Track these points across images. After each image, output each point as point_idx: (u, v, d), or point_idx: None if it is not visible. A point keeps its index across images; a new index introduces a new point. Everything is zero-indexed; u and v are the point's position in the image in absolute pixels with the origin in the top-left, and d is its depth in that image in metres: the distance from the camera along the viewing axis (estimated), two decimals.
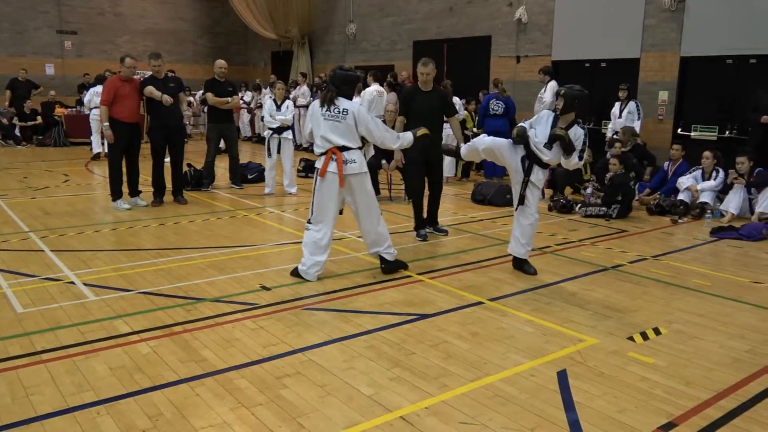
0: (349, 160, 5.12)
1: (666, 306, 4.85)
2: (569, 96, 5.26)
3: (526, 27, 12.95)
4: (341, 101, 5.12)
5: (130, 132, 8.05)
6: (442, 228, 7.11)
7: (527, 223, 5.51)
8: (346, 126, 5.08)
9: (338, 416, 3.11)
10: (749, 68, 9.91)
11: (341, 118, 5.08)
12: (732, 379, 3.59)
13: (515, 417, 3.13)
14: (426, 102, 6.57)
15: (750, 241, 6.99)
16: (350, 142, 5.13)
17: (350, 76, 5.29)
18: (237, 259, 5.93)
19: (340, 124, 5.08)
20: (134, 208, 8.17)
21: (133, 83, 8.12)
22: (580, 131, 5.30)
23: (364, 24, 17.08)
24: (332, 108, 5.09)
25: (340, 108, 5.08)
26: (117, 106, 7.86)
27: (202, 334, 4.12)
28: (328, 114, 5.10)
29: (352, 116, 5.08)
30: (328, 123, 5.11)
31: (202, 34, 21.42)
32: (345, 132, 5.10)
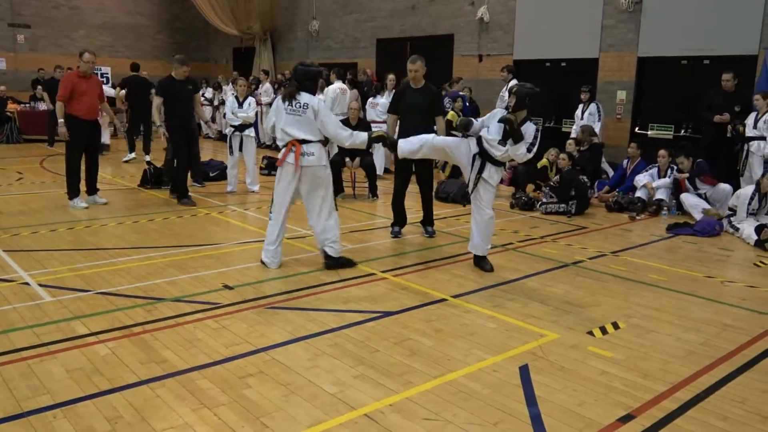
0: (307, 153, 5.24)
1: (624, 301, 4.96)
2: (520, 93, 5.34)
3: (488, 26, 13.07)
4: (303, 96, 5.24)
5: (89, 129, 7.88)
6: (430, 230, 6.98)
7: (482, 220, 5.57)
8: (306, 120, 5.23)
9: (302, 415, 3.10)
10: (703, 69, 10.20)
11: (301, 112, 5.23)
12: (687, 372, 3.69)
13: (478, 412, 3.16)
14: (415, 99, 6.54)
15: (704, 237, 7.19)
16: (310, 135, 5.26)
17: (311, 71, 5.41)
18: (199, 258, 5.85)
19: (301, 117, 5.23)
20: (91, 207, 7.97)
21: (93, 80, 7.96)
22: (532, 127, 5.36)
23: (327, 21, 17.01)
24: (293, 102, 5.24)
25: (301, 102, 5.23)
26: (75, 103, 7.68)
27: (162, 334, 4.05)
28: (289, 108, 5.26)
29: (312, 110, 5.21)
30: (289, 117, 5.26)
31: (161, 29, 21.00)
32: (305, 125, 5.24)
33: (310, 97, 5.26)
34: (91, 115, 7.87)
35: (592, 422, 3.09)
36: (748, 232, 7.04)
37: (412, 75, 6.61)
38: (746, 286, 5.44)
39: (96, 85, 8.02)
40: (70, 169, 7.91)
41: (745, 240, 7.03)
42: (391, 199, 6.99)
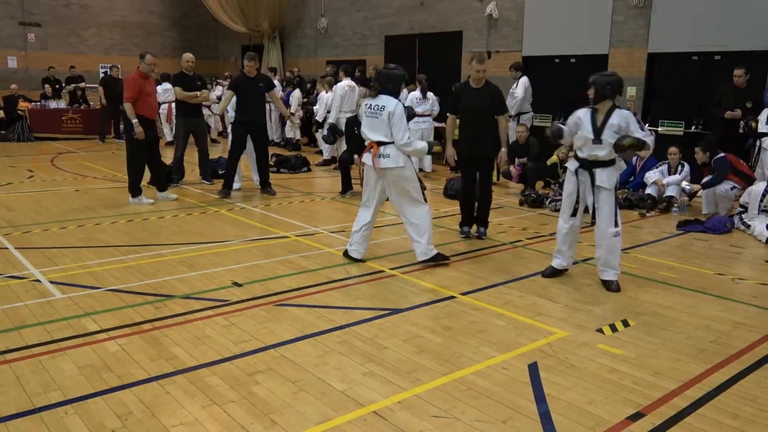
0: (383, 155, 5.29)
1: (634, 298, 4.93)
2: (599, 83, 5.01)
3: (497, 22, 13.02)
4: (381, 98, 5.35)
5: (151, 128, 8.11)
6: (482, 232, 6.75)
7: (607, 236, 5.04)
8: (381, 121, 5.31)
9: (311, 412, 3.10)
10: (714, 64, 10.12)
11: (378, 114, 5.31)
12: (698, 369, 3.67)
13: (487, 410, 3.15)
14: (475, 99, 6.37)
15: (715, 234, 7.14)
16: (385, 137, 5.32)
17: (393, 74, 5.44)
18: (208, 255, 5.87)
19: (377, 120, 5.32)
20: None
21: (151, 80, 8.26)
22: (624, 113, 4.98)
23: (336, 18, 17.00)
24: (373, 105, 5.35)
25: (380, 105, 5.32)
26: (140, 103, 7.91)
27: (172, 331, 4.07)
28: (369, 111, 5.39)
29: (387, 113, 5.26)
30: (367, 120, 5.41)
31: (170, 26, 21.07)
32: (380, 127, 5.32)
33: (389, 99, 5.31)
34: (152, 115, 8.15)
35: (601, 420, 3.08)
36: (760, 229, 6.98)
37: (480, 75, 6.38)
38: (758, 284, 5.40)
39: (151, 86, 8.30)
40: (133, 169, 8.11)
41: (757, 237, 6.98)
42: (460, 199, 6.91)
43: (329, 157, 12.14)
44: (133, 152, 8.10)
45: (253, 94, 8.63)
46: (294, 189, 9.68)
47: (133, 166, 8.11)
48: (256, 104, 8.68)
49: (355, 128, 9.10)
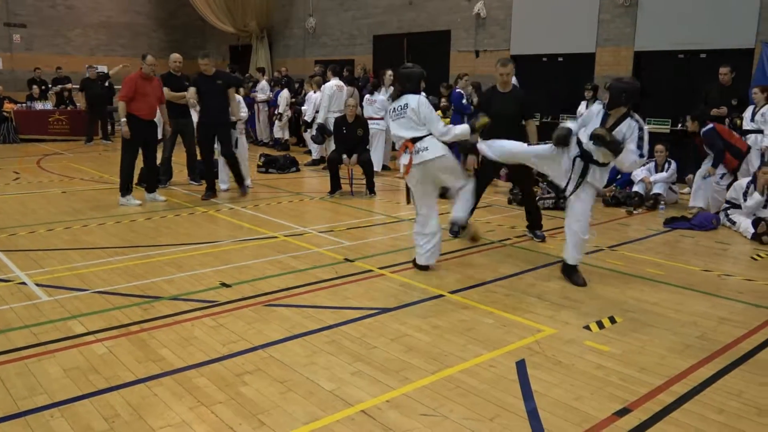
0: (421, 148, 5.18)
1: (621, 295, 4.97)
2: (615, 89, 4.93)
3: (485, 21, 13.06)
4: (404, 98, 5.28)
5: (147, 129, 8.09)
6: (540, 234, 6.66)
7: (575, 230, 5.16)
8: (407, 119, 5.23)
9: (299, 412, 3.10)
10: (700, 62, 10.20)
11: (403, 114, 5.25)
12: (684, 365, 3.70)
13: (475, 407, 3.17)
14: (503, 104, 6.30)
15: (701, 231, 7.20)
16: (417, 132, 5.21)
17: (413, 73, 5.39)
18: (196, 256, 5.85)
19: (404, 119, 5.25)
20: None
21: (154, 81, 8.26)
22: (633, 124, 4.86)
23: (324, 18, 16.98)
24: (396, 107, 5.30)
25: (402, 104, 5.26)
26: (136, 103, 7.93)
27: (160, 333, 4.05)
28: (393, 114, 5.32)
29: (411, 109, 5.20)
30: (394, 123, 5.33)
31: (157, 27, 20.96)
32: (408, 124, 5.23)
33: (410, 96, 5.26)
34: (150, 116, 8.11)
35: (588, 416, 3.10)
36: (745, 225, 7.04)
37: (504, 78, 6.36)
38: (743, 280, 5.45)
39: (157, 87, 8.29)
40: (123, 168, 8.09)
41: (742, 233, 7.04)
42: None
43: (318, 157, 12.13)
44: (123, 152, 8.11)
45: (213, 93, 8.42)
46: (283, 189, 9.66)
47: (122, 165, 8.09)
48: (217, 103, 8.47)
49: (343, 128, 9.11)
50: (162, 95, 8.50)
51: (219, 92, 8.48)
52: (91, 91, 15.09)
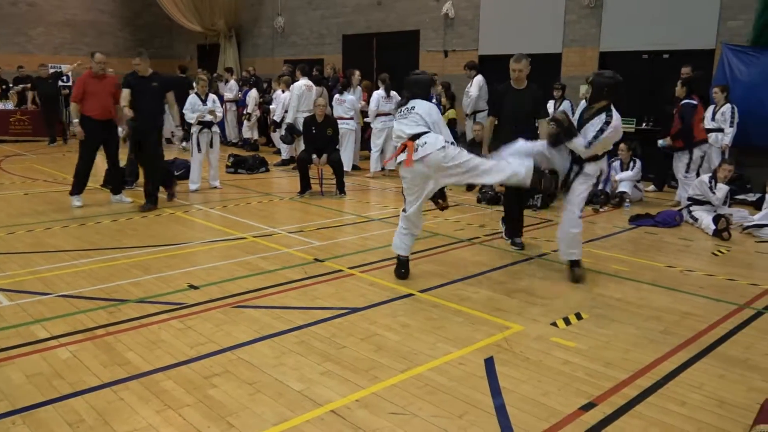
0: (420, 145, 4.93)
1: (587, 292, 5.05)
2: (597, 84, 5.12)
3: (453, 22, 13.13)
4: (413, 102, 5.16)
5: (103, 129, 7.87)
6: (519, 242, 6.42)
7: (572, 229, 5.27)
8: (413, 117, 5.07)
9: (268, 413, 3.09)
10: (663, 63, 10.41)
11: (408, 114, 5.11)
12: (648, 359, 3.78)
13: (444, 405, 3.19)
14: (518, 101, 6.12)
15: (665, 228, 7.36)
16: (418, 128, 5.02)
17: (422, 79, 5.34)
18: (163, 258, 5.77)
19: (407, 118, 5.10)
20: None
21: (107, 80, 7.98)
22: (604, 117, 5.05)
23: (293, 17, 16.90)
24: (403, 109, 5.17)
25: (409, 107, 5.14)
26: (87, 103, 7.71)
27: (126, 336, 3.99)
28: (399, 115, 5.17)
29: (418, 113, 5.07)
30: (399, 123, 5.14)
31: (123, 26, 20.60)
32: (414, 121, 5.05)
33: (420, 101, 5.15)
34: (104, 115, 7.86)
35: (555, 411, 3.15)
36: (707, 222, 7.21)
37: (517, 75, 6.18)
38: (705, 275, 5.58)
39: (110, 85, 7.99)
40: (78, 168, 7.91)
41: (704, 230, 7.21)
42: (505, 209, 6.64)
43: (287, 157, 12.06)
44: (80, 153, 7.91)
45: (146, 95, 7.86)
46: (252, 189, 9.59)
47: (77, 166, 7.89)
48: (151, 107, 7.90)
49: (313, 128, 9.08)
50: (118, 93, 8.06)
51: (154, 95, 7.92)
52: (42, 90, 14.75)
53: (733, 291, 5.12)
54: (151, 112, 7.94)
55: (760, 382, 3.48)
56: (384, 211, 8.19)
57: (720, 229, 6.93)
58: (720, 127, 8.86)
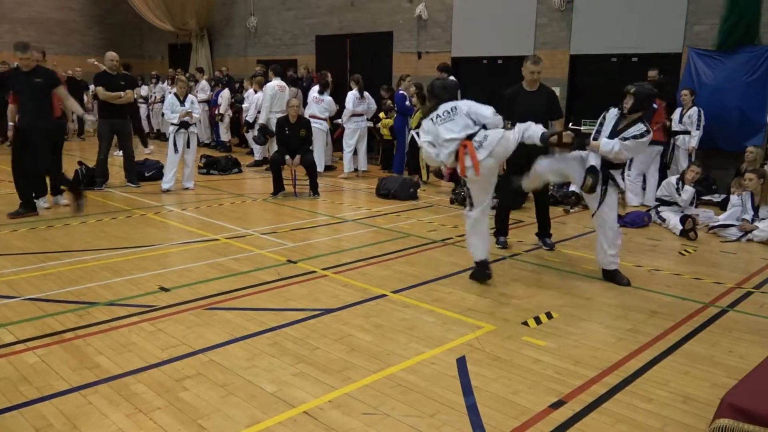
0: (481, 141, 4.89)
1: (557, 291, 5.12)
2: (640, 95, 5.15)
3: (427, 23, 13.19)
4: (448, 104, 5.07)
5: None
6: (550, 242, 6.48)
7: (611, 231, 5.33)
8: (459, 118, 4.99)
9: (240, 415, 3.08)
10: (632, 66, 10.58)
11: (453, 116, 5.01)
12: (615, 357, 3.85)
13: (416, 404, 3.21)
14: (531, 103, 6.10)
15: (633, 228, 7.49)
16: (471, 129, 4.97)
17: (449, 84, 5.27)
18: (134, 260, 5.70)
19: (454, 120, 5.00)
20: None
21: None
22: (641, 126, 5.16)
23: (266, 17, 16.80)
24: (442, 112, 5.04)
25: (448, 108, 5.04)
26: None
27: (95, 339, 3.94)
28: (440, 120, 5.04)
29: (460, 110, 5.03)
30: (444, 126, 5.01)
31: (92, 24, 20.27)
32: (462, 123, 4.98)
33: (457, 102, 5.08)
34: None
35: (525, 409, 3.19)
36: (674, 222, 7.36)
37: (535, 77, 6.16)
38: (672, 274, 5.70)
39: None
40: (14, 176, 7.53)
41: (672, 230, 7.36)
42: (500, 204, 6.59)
43: (261, 158, 12.00)
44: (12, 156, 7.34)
45: (29, 92, 7.20)
46: (224, 190, 9.52)
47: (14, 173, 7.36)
48: (34, 105, 7.10)
49: (286, 129, 9.04)
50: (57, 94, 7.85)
51: (37, 92, 7.21)
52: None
53: (698, 290, 5.24)
54: (36, 111, 7.13)
55: (723, 378, 3.57)
56: (358, 212, 8.20)
57: (687, 229, 7.08)
58: (687, 130, 9.05)
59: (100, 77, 9.25)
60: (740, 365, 3.73)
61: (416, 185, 9.35)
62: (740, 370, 3.62)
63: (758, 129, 9.00)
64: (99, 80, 9.19)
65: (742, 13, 9.09)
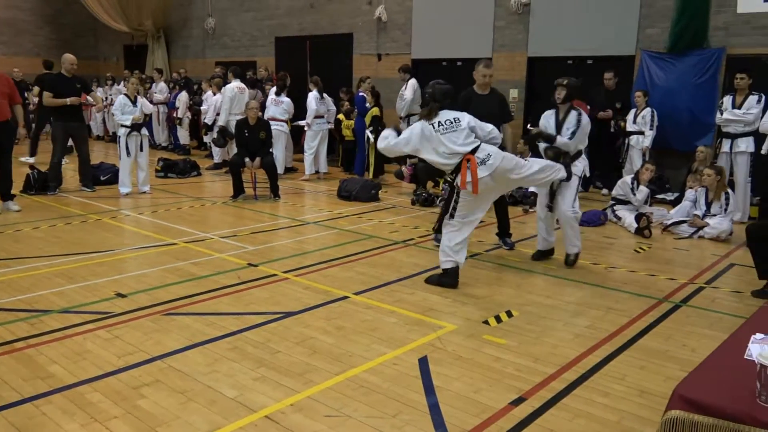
0: (484, 158, 4.92)
1: (517, 290, 5.19)
2: (572, 85, 5.83)
3: (386, 25, 13.23)
4: (447, 113, 5.07)
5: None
6: (510, 242, 6.61)
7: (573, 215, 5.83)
8: (462, 132, 5.00)
9: (200, 422, 3.03)
10: (587, 68, 10.80)
11: (456, 127, 5.00)
12: (574, 354, 3.92)
13: (378, 405, 3.22)
14: (485, 106, 6.11)
15: (590, 227, 7.64)
16: (474, 143, 5.00)
17: (450, 89, 5.27)
18: (89, 266, 5.56)
19: (456, 132, 4.99)
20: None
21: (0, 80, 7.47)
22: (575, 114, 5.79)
23: (224, 19, 16.61)
24: (444, 121, 5.02)
25: (451, 118, 5.04)
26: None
27: (48, 348, 3.83)
28: (443, 128, 5.00)
29: (465, 121, 5.05)
30: (446, 136, 4.97)
31: (43, 24, 19.70)
32: (463, 136, 4.99)
33: (456, 112, 5.10)
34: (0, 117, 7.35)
35: (486, 407, 3.23)
36: (630, 221, 7.54)
37: (487, 80, 6.27)
38: (627, 271, 5.84)
39: (3, 85, 7.48)
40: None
41: (627, 228, 7.54)
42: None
43: (220, 161, 11.85)
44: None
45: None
46: (183, 194, 9.37)
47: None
48: None
49: (246, 131, 8.95)
50: (15, 94, 7.66)
51: None
52: None
53: (653, 286, 5.37)
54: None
55: (677, 371, 3.67)
56: (319, 214, 8.17)
57: (641, 227, 7.26)
58: (641, 130, 9.28)
59: (53, 79, 9.01)
60: (693, 358, 3.84)
61: (378, 187, 9.36)
62: (693, 363, 3.71)
63: (708, 129, 9.29)
64: (52, 83, 8.95)
65: (691, 17, 9.38)
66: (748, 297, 5.10)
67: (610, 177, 9.88)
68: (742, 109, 7.92)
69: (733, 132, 8.01)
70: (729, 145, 8.05)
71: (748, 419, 1.82)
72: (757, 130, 7.64)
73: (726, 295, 5.17)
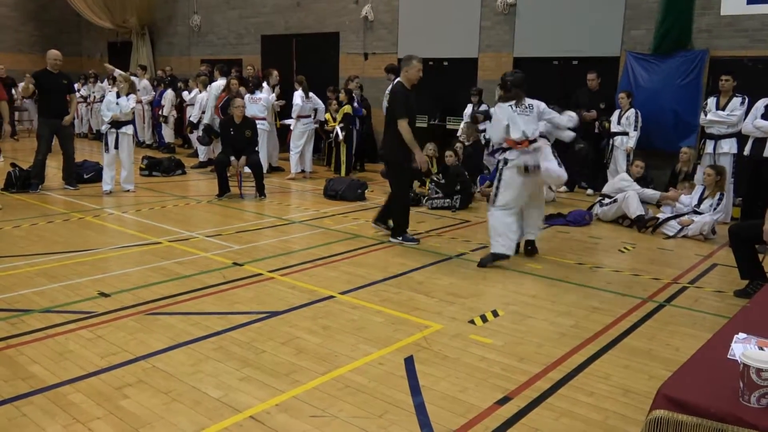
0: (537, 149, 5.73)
1: (503, 289, 5.21)
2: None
3: (373, 25, 13.22)
4: (528, 100, 5.82)
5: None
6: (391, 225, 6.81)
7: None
8: (533, 118, 5.77)
9: (184, 422, 3.00)
10: (572, 69, 10.87)
11: (529, 112, 5.78)
12: (559, 353, 3.94)
13: (364, 405, 3.21)
14: (414, 101, 6.58)
15: (576, 227, 7.69)
16: (537, 131, 5.78)
17: (522, 77, 5.92)
18: (71, 265, 5.50)
19: (529, 117, 5.75)
20: None
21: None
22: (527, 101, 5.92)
23: (210, 16, 16.50)
24: (521, 105, 5.76)
25: (526, 104, 5.80)
26: None
27: (29, 348, 3.78)
28: (520, 110, 5.75)
29: (537, 110, 5.82)
30: (521, 117, 5.72)
31: (26, 20, 19.44)
32: (532, 123, 5.74)
33: (533, 100, 5.84)
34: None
35: (472, 407, 3.23)
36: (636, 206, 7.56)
37: (420, 75, 6.62)
38: (612, 271, 5.88)
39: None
40: None
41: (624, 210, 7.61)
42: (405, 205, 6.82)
43: (205, 159, 11.77)
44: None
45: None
46: (168, 192, 9.30)
47: None
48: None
49: (231, 129, 8.90)
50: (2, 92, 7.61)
51: None
52: None
53: (637, 285, 5.41)
54: None
55: (661, 371, 3.70)
56: (305, 213, 8.14)
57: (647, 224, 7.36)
58: (625, 131, 9.35)
59: (39, 75, 8.90)
60: (676, 357, 3.87)
61: (364, 186, 9.34)
62: (677, 362, 3.75)
63: (691, 130, 9.39)
64: (38, 78, 8.84)
65: (675, 19, 9.47)
66: (730, 297, 5.15)
67: (595, 177, 9.96)
68: (726, 111, 7.99)
69: (717, 133, 8.08)
70: (713, 146, 8.12)
71: (732, 419, 1.83)
72: (740, 132, 7.72)
73: (709, 295, 5.22)
